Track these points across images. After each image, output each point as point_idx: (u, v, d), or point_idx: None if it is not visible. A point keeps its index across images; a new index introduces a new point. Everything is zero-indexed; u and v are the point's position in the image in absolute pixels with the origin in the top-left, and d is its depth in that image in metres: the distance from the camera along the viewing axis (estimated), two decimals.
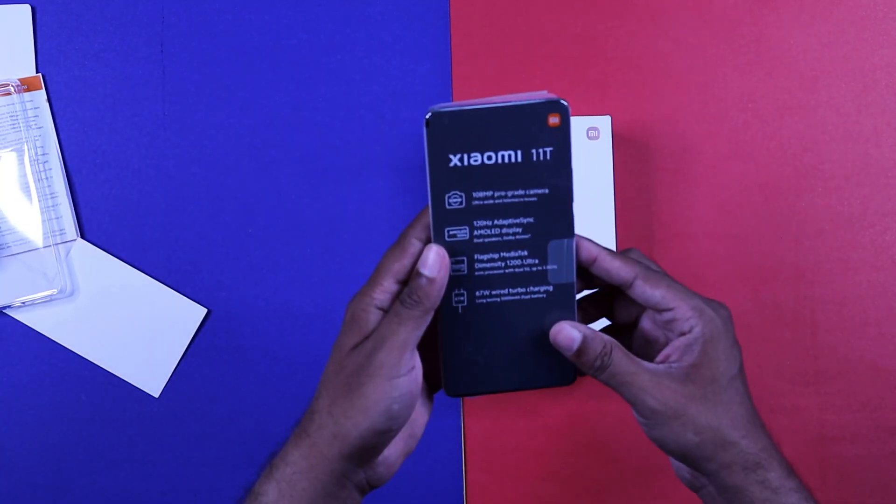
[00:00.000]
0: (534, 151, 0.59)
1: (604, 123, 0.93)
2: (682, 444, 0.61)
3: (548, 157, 0.59)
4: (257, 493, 0.61)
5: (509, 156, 0.59)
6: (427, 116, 0.58)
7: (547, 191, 0.60)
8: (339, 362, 0.61)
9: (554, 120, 0.58)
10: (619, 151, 0.96)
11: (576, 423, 0.96)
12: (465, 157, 0.59)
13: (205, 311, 0.96)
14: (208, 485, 0.96)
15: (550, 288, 0.61)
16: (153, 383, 0.95)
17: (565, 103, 0.58)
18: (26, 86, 0.96)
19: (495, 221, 0.60)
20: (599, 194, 0.93)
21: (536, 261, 0.61)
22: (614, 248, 0.92)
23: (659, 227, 0.97)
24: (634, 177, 0.97)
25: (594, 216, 0.92)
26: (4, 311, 0.95)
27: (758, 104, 0.98)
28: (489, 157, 0.59)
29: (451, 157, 0.59)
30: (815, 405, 0.96)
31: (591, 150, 0.93)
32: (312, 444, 0.61)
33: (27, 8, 0.96)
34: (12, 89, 0.95)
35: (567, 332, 0.61)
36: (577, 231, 0.61)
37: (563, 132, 0.58)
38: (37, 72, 0.96)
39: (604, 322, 0.67)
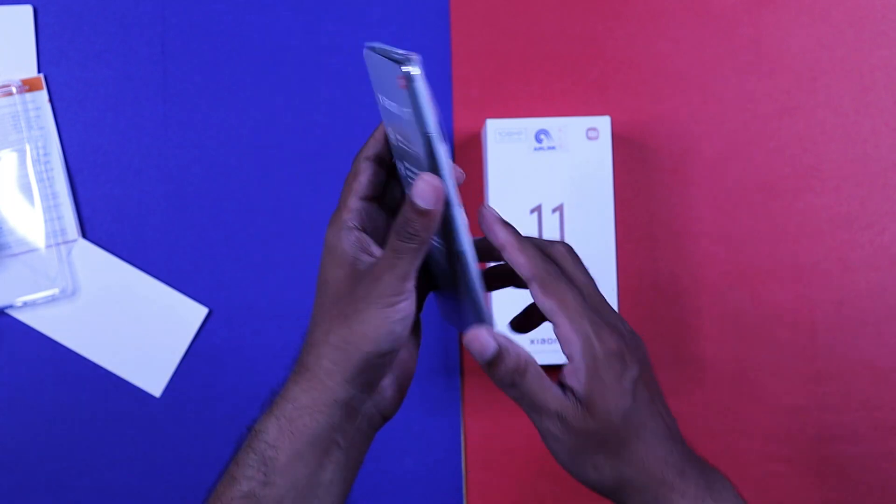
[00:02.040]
0: (405, 109, 0.56)
1: (603, 124, 0.93)
2: (588, 482, 0.61)
3: (411, 117, 0.56)
4: (258, 430, 0.60)
5: (392, 106, 0.58)
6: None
7: (421, 154, 0.57)
8: (331, 294, 0.60)
9: (401, 82, 0.55)
10: (618, 152, 0.96)
11: None
12: (381, 98, 0.59)
13: (206, 310, 0.96)
14: (209, 485, 0.96)
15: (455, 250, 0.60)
16: (154, 383, 0.96)
17: (412, 69, 0.54)
18: (28, 86, 0.96)
19: (406, 165, 0.60)
20: (599, 194, 0.93)
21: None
22: (613, 250, 0.92)
23: (658, 228, 0.97)
24: (634, 177, 0.97)
25: (594, 216, 0.92)
26: (6, 311, 0.95)
27: (757, 104, 0.98)
28: (389, 104, 0.58)
29: (378, 95, 0.60)
30: (815, 405, 0.96)
31: (591, 150, 0.93)
32: (312, 377, 0.59)
33: (29, 9, 0.97)
34: (14, 90, 0.95)
35: (482, 339, 0.59)
36: (575, 234, 0.61)
37: (413, 94, 0.55)
38: (38, 72, 0.97)
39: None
